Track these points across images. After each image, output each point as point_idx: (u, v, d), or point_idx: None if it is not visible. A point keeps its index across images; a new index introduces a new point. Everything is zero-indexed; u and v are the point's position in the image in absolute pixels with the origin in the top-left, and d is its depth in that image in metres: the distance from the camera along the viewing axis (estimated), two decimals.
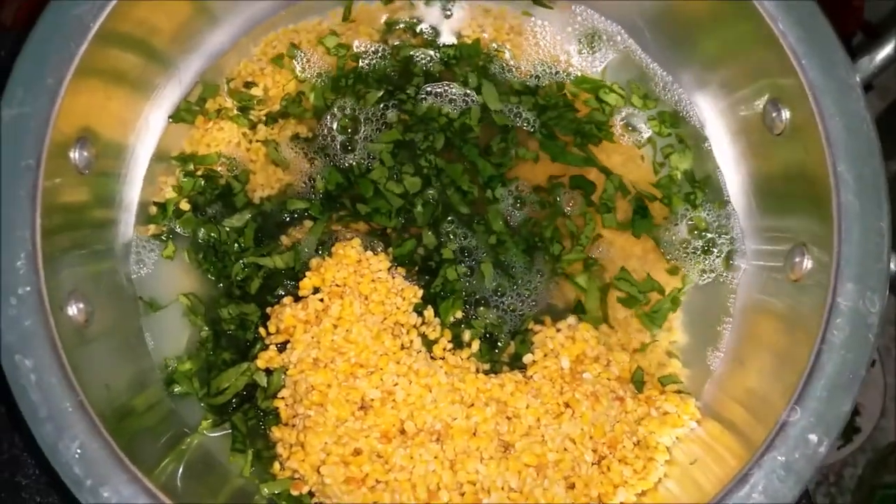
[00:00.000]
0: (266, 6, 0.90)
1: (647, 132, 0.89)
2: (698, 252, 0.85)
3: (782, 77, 0.75)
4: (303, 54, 0.89)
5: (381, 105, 0.88)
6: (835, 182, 0.71)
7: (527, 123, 0.88)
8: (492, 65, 0.90)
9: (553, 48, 0.92)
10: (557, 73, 0.91)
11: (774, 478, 0.65)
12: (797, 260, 0.75)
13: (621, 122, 0.90)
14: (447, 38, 0.92)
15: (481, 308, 0.82)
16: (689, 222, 0.86)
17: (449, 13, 0.93)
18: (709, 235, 0.85)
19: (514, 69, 0.91)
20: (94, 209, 0.79)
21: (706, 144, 0.88)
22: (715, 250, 0.85)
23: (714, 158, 0.88)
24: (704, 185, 0.87)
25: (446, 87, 0.89)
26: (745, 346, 0.81)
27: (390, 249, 0.83)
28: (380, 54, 0.90)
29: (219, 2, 0.86)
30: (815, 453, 0.66)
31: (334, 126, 0.87)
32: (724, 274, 0.85)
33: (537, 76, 0.91)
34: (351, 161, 0.86)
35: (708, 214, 0.86)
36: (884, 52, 0.76)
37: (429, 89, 0.89)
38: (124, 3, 0.74)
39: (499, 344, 0.81)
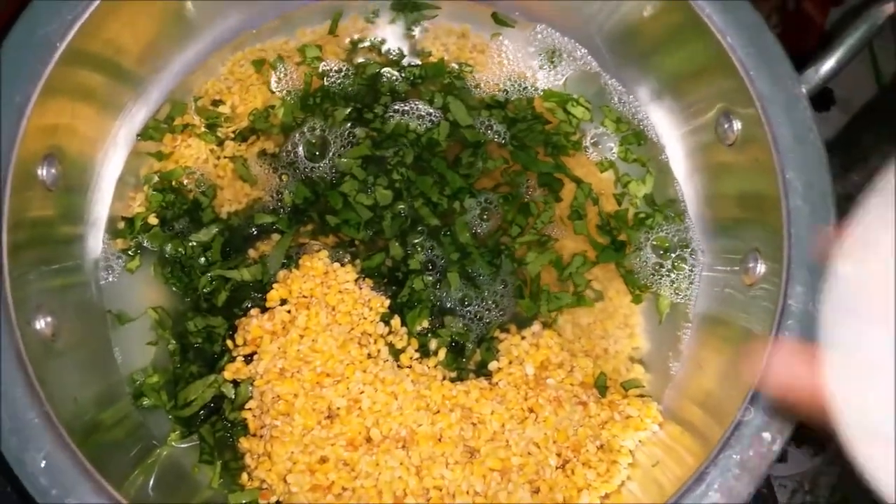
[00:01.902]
0: (234, 26, 0.92)
1: (611, 155, 0.92)
2: (669, 271, 0.87)
3: (732, 89, 0.78)
4: (283, 67, 0.91)
5: (350, 123, 0.90)
6: (784, 188, 0.73)
7: (497, 136, 0.91)
8: (458, 82, 0.93)
9: (517, 65, 0.95)
10: (525, 87, 0.93)
11: (730, 476, 0.67)
12: (751, 265, 0.78)
13: (591, 141, 0.92)
14: (412, 57, 0.94)
15: (448, 317, 0.83)
16: (653, 243, 0.88)
17: (413, 33, 0.95)
18: (674, 254, 0.87)
19: (481, 85, 0.93)
20: (62, 225, 0.80)
21: (662, 156, 0.91)
22: (686, 267, 0.87)
23: (671, 170, 0.91)
24: (664, 207, 0.89)
25: (413, 105, 0.91)
26: (703, 351, 0.83)
27: (358, 261, 0.84)
28: (344, 73, 0.92)
29: (186, 22, 0.88)
30: (768, 451, 0.67)
31: (302, 142, 0.89)
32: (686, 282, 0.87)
33: (505, 90, 0.93)
34: (319, 176, 0.88)
35: (667, 233, 0.88)
36: (828, 64, 0.79)
37: (396, 107, 0.91)
38: (92, 22, 0.75)
39: (465, 352, 0.83)
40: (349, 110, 0.90)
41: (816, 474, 1.51)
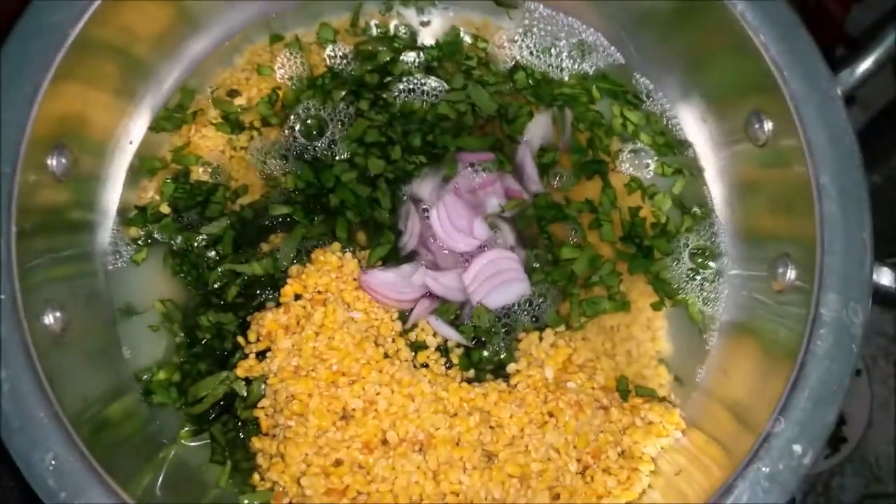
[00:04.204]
0: (249, 14, 0.89)
1: (647, 172, 0.89)
2: (696, 275, 0.84)
3: (765, 89, 0.75)
4: (289, 52, 0.89)
5: (356, 103, 0.87)
6: (817, 193, 0.71)
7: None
8: (474, 64, 0.90)
9: (541, 60, 0.92)
10: (551, 79, 0.91)
11: (759, 489, 0.65)
12: (780, 271, 0.75)
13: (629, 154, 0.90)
14: (427, 41, 0.92)
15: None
16: (678, 247, 0.85)
17: (427, 21, 0.92)
18: (701, 259, 0.85)
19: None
20: (72, 215, 0.78)
21: (690, 152, 0.88)
22: (713, 271, 0.84)
23: (701, 173, 0.88)
24: (692, 211, 0.87)
25: (422, 81, 0.88)
26: (729, 357, 0.81)
27: (367, 252, 0.81)
28: (355, 58, 0.90)
29: (200, 7, 0.86)
30: (799, 465, 0.65)
31: (302, 126, 0.86)
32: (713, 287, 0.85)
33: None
34: (332, 161, 0.85)
35: (695, 237, 0.86)
36: (864, 65, 0.76)
37: (401, 87, 0.88)
38: (104, 9, 0.73)
39: (485, 350, 0.80)
40: (354, 90, 0.87)
41: (830, 476, 1.50)
